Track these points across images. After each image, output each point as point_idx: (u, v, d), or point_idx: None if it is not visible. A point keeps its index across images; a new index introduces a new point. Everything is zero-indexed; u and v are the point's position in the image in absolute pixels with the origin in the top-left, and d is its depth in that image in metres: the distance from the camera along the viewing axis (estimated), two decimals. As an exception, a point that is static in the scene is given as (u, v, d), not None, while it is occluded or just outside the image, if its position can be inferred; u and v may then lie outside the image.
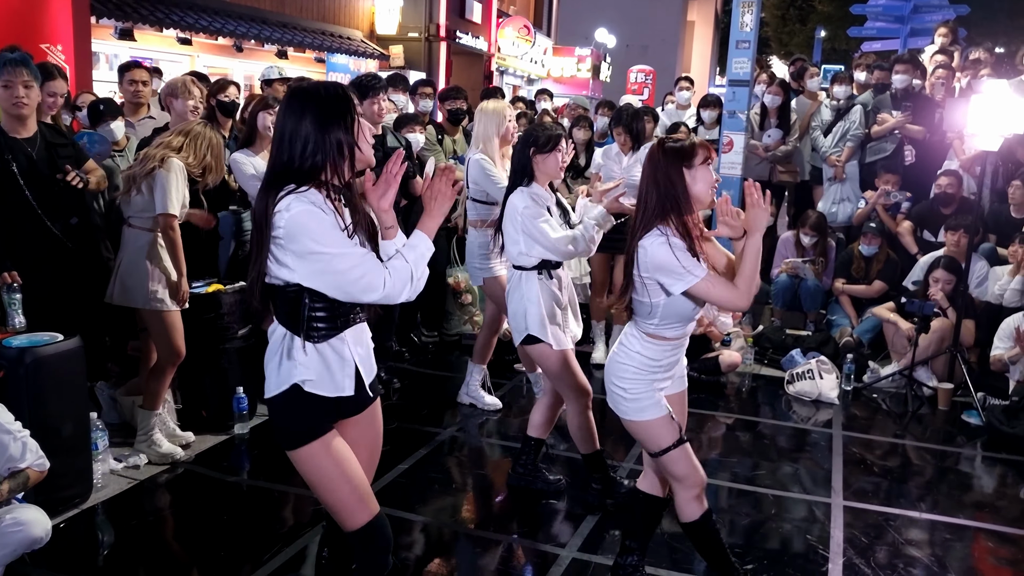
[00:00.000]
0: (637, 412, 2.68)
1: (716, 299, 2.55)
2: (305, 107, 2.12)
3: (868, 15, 10.98)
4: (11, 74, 3.44)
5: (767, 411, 5.16)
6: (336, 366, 2.19)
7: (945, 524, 3.68)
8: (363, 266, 2.09)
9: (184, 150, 3.71)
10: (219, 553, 3.23)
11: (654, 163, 2.60)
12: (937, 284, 5.33)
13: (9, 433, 2.77)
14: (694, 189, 2.57)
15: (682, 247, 2.52)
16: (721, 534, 2.97)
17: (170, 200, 3.63)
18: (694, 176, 2.57)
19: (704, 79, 29.98)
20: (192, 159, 3.72)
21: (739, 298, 2.54)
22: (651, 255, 2.54)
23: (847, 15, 13.41)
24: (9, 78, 3.44)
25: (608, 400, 2.75)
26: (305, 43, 12.53)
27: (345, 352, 2.21)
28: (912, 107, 6.50)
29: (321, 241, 2.05)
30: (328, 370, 2.18)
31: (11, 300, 3.44)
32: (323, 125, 2.11)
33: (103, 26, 9.11)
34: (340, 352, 2.20)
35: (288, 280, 2.13)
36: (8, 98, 3.47)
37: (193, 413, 4.31)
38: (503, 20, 19.65)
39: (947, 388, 5.14)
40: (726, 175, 6.54)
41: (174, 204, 3.64)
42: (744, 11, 6.20)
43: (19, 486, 2.77)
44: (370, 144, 2.25)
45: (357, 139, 2.17)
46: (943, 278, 5.33)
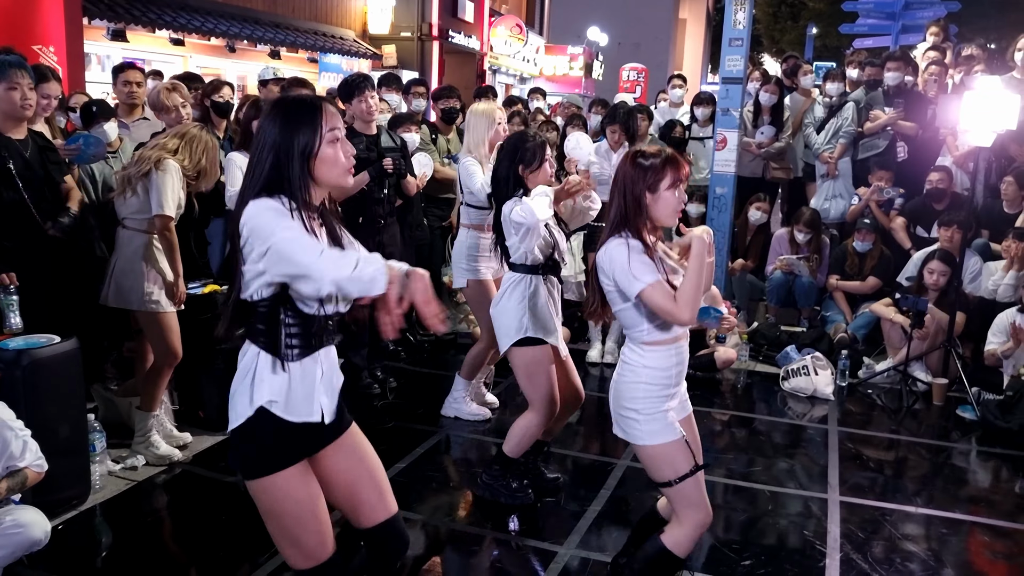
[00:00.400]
0: (651, 435, 2.53)
1: (657, 309, 2.44)
2: (274, 115, 2.08)
3: (859, 12, 11.02)
4: (17, 76, 3.45)
5: (762, 407, 5.18)
6: (305, 389, 2.10)
7: (941, 519, 3.70)
8: (305, 237, 1.97)
9: (180, 152, 3.71)
10: (217, 553, 3.23)
11: (621, 174, 2.56)
12: (932, 275, 5.35)
13: (11, 430, 2.79)
14: (654, 210, 2.52)
15: (640, 250, 2.46)
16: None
17: (166, 201, 3.62)
18: (656, 199, 2.50)
19: (696, 77, 30.02)
20: (187, 162, 3.72)
21: (678, 312, 2.41)
22: (609, 257, 2.49)
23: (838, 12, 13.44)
24: (15, 80, 3.45)
25: (617, 430, 2.61)
26: (298, 43, 12.52)
27: (316, 373, 2.12)
28: (904, 103, 6.53)
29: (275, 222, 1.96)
30: (296, 393, 2.09)
31: (8, 302, 3.44)
32: (285, 131, 2.05)
33: (95, 27, 9.08)
34: (312, 373, 2.11)
35: (262, 291, 2.04)
36: (14, 100, 3.47)
37: (190, 414, 4.30)
38: (495, 19, 19.65)
39: (942, 383, 5.16)
40: (720, 172, 6.55)
41: (170, 205, 3.64)
42: (737, 9, 6.21)
43: (17, 485, 2.77)
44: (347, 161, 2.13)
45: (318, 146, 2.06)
46: (938, 269, 5.35)
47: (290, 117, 2.07)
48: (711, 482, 3.98)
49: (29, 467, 2.81)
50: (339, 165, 2.11)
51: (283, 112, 2.09)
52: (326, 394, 2.16)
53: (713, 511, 3.75)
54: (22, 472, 2.78)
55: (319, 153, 2.07)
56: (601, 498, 3.74)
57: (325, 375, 2.15)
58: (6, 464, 2.76)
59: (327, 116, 2.10)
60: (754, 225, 6.72)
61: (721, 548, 3.37)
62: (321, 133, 2.07)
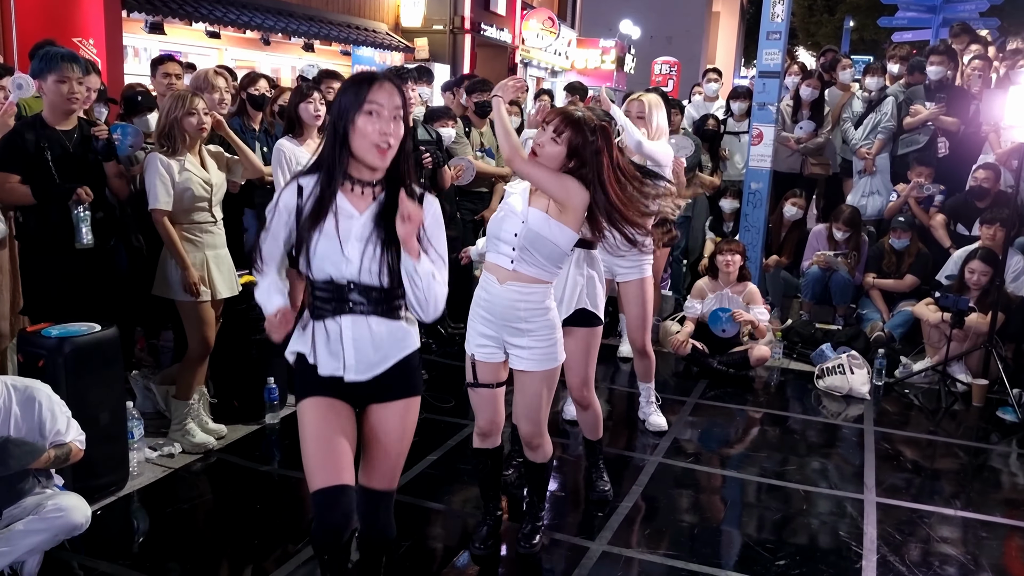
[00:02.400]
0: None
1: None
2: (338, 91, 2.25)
3: (899, 5, 10.81)
4: (66, 70, 3.48)
5: (796, 406, 5.12)
6: (325, 346, 2.26)
7: (979, 522, 3.64)
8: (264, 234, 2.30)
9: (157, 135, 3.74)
10: (252, 541, 3.27)
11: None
12: (973, 275, 5.25)
13: (56, 406, 2.86)
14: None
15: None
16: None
17: (151, 195, 3.63)
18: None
19: (729, 70, 29.70)
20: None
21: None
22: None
23: (876, 5, 13.20)
24: (65, 74, 3.48)
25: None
26: (331, 36, 12.58)
27: (336, 335, 2.24)
28: (946, 98, 6.40)
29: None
30: (319, 346, 2.26)
31: (83, 217, 3.51)
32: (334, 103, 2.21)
33: (133, 20, 9.20)
34: (332, 334, 2.25)
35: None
36: (63, 93, 3.50)
37: (225, 403, 4.35)
38: (527, 12, 19.59)
39: (982, 384, 5.07)
40: (755, 167, 6.48)
41: (158, 199, 3.62)
42: (776, 2, 6.12)
43: (64, 455, 2.83)
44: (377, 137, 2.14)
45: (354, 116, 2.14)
46: (979, 269, 5.24)
47: (343, 90, 2.20)
48: (744, 480, 3.96)
49: (74, 442, 2.88)
50: (367, 138, 2.14)
51: (342, 87, 2.23)
52: (355, 357, 2.25)
53: (746, 509, 3.76)
54: (67, 445, 2.85)
55: (355, 123, 2.15)
56: (633, 494, 3.73)
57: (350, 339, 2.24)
58: (55, 439, 2.83)
59: (374, 89, 2.15)
60: (789, 221, 6.64)
61: (755, 547, 3.34)
62: (361, 103, 2.14)
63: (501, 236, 2.79)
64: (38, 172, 3.52)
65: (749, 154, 6.51)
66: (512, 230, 2.77)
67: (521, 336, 2.83)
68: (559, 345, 2.90)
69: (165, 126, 3.67)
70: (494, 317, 2.84)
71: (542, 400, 2.94)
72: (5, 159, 3.50)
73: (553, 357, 2.89)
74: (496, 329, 2.86)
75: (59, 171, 3.54)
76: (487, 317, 2.86)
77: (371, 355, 2.27)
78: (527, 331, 2.82)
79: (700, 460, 4.19)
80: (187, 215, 3.73)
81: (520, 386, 2.95)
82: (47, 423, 2.82)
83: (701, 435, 4.53)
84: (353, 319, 2.24)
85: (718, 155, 7.03)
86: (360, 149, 2.16)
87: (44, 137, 3.53)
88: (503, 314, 2.82)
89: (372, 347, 2.26)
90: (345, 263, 2.19)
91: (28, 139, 3.50)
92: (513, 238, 2.77)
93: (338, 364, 2.25)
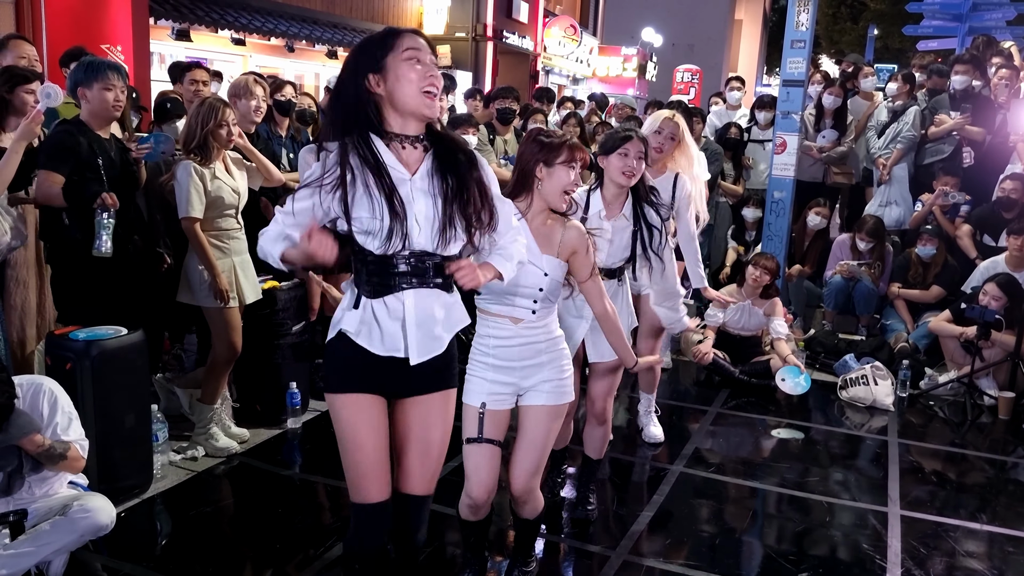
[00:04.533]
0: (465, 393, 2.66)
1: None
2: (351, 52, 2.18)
3: (924, 13, 10.73)
4: (112, 78, 3.54)
5: (819, 417, 5.08)
6: (384, 324, 2.09)
7: (1006, 536, 3.59)
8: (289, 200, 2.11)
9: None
10: (274, 545, 3.28)
11: (523, 146, 2.66)
12: (986, 297, 5.13)
13: (60, 404, 2.82)
14: (544, 187, 2.57)
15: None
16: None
17: (182, 204, 3.65)
18: (549, 173, 2.57)
19: (752, 79, 29.58)
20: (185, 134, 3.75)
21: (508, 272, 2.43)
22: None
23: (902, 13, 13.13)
24: (111, 81, 3.54)
25: None
26: (354, 43, 12.67)
27: (398, 312, 2.08)
28: (972, 108, 6.34)
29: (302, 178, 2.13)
30: (373, 326, 2.09)
31: (106, 223, 3.48)
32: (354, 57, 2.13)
33: (161, 27, 9.32)
34: (394, 311, 2.09)
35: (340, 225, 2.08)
36: (107, 100, 3.55)
37: (248, 407, 4.39)
38: (550, 19, 19.64)
39: (1009, 397, 5.00)
40: (778, 176, 6.45)
41: (191, 207, 3.65)
42: (800, 10, 6.10)
43: (60, 451, 2.75)
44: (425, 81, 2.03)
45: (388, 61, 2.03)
46: (992, 293, 5.11)
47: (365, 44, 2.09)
48: (766, 491, 3.93)
49: (74, 444, 2.82)
50: (412, 84, 2.00)
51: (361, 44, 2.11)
52: (415, 335, 2.10)
53: (768, 520, 3.73)
54: (66, 444, 2.79)
55: (394, 71, 2.02)
56: (654, 504, 3.71)
57: (413, 316, 2.10)
58: (52, 436, 2.78)
59: (407, 36, 2.06)
60: (812, 230, 6.60)
61: (776, 559, 3.31)
62: (397, 49, 2.03)
63: (520, 292, 2.54)
64: (89, 175, 3.53)
65: (772, 162, 6.48)
66: (536, 284, 2.56)
67: (539, 371, 2.65)
68: (571, 379, 2.74)
69: (199, 136, 3.68)
70: (512, 360, 2.61)
71: (548, 440, 2.73)
72: (56, 157, 3.49)
73: (567, 391, 2.70)
74: (513, 374, 2.62)
75: (108, 178, 3.58)
76: (501, 363, 2.61)
77: (432, 333, 2.13)
78: (545, 363, 2.65)
79: (721, 470, 4.17)
80: (216, 222, 3.77)
81: (527, 425, 2.71)
82: (46, 413, 2.79)
83: (723, 445, 4.50)
84: (416, 293, 2.08)
85: (741, 163, 7.01)
86: (406, 97, 2.01)
87: (95, 141, 3.58)
88: (522, 355, 2.61)
89: (433, 324, 2.12)
90: (406, 230, 2.02)
91: (81, 141, 3.52)
92: (538, 292, 2.57)
93: (400, 345, 2.09)
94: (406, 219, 2.02)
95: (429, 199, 2.06)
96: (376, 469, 2.14)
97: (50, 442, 2.75)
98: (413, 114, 2.05)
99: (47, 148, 3.54)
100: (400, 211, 2.02)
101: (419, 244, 2.06)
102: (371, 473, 2.14)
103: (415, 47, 2.03)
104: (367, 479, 2.14)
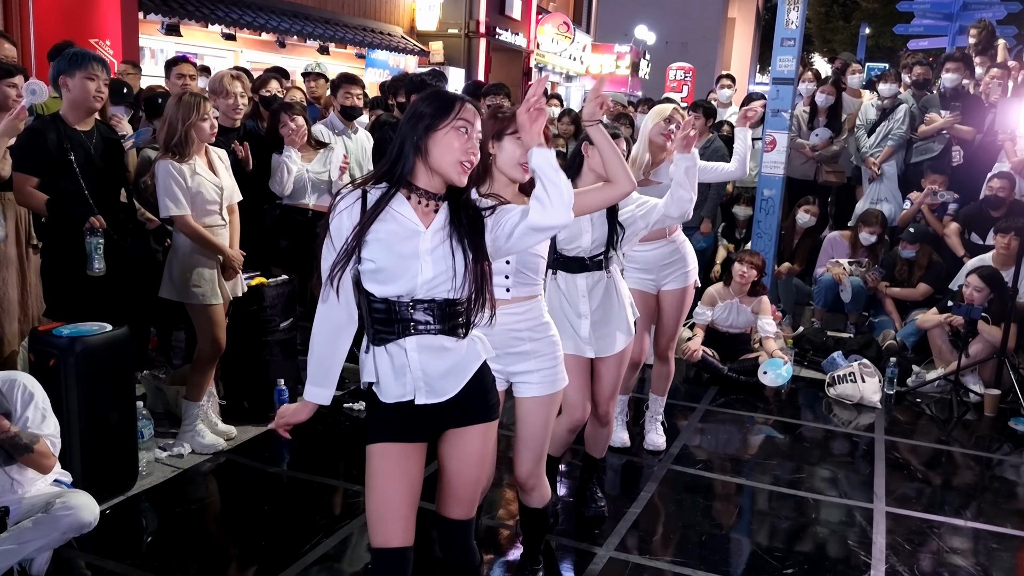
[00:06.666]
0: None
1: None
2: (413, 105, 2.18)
3: (915, 12, 10.78)
4: (96, 68, 3.51)
5: (807, 414, 5.10)
6: (394, 371, 2.15)
7: (990, 533, 3.61)
8: (325, 251, 2.13)
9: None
10: (260, 542, 3.27)
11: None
12: (968, 288, 5.18)
13: (35, 399, 2.81)
14: (499, 161, 2.56)
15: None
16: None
17: (164, 205, 3.63)
18: (500, 147, 2.55)
19: (744, 76, 29.63)
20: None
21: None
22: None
23: (893, 12, 13.16)
24: (94, 72, 3.51)
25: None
26: (346, 39, 12.65)
27: (401, 359, 2.14)
28: (962, 107, 6.36)
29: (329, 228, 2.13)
30: (382, 372, 2.16)
31: (96, 244, 3.50)
32: (416, 112, 2.14)
33: (150, 22, 9.28)
34: (397, 358, 2.14)
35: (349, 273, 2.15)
36: (89, 90, 3.51)
37: (235, 404, 4.37)
38: (542, 16, 19.63)
39: (994, 394, 5.03)
40: (768, 174, 6.46)
41: (176, 205, 3.64)
42: (790, 8, 6.10)
43: (28, 440, 2.73)
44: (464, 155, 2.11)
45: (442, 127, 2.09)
46: (974, 284, 5.16)
47: (428, 100, 2.15)
48: (755, 488, 3.94)
49: (46, 438, 2.80)
50: (453, 153, 2.09)
51: (424, 98, 2.17)
52: (424, 379, 2.16)
53: (755, 517, 3.74)
54: (37, 436, 2.77)
55: (441, 135, 2.09)
56: (641, 500, 3.72)
57: (419, 363, 2.14)
58: (23, 427, 2.77)
59: (465, 108, 2.13)
60: (802, 228, 6.61)
61: (763, 556, 3.32)
62: (453, 117, 2.10)
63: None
64: (62, 174, 3.50)
65: (762, 161, 6.49)
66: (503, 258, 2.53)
67: (526, 360, 2.65)
68: (562, 366, 2.73)
69: (179, 132, 3.64)
70: (496, 347, 2.54)
71: (547, 428, 2.74)
72: (25, 159, 3.46)
73: (558, 378, 2.70)
74: (498, 360, 2.57)
75: (83, 174, 3.55)
76: None
77: (441, 375, 2.17)
78: (531, 352, 2.65)
79: (709, 467, 4.17)
80: (198, 219, 3.73)
81: (523, 416, 2.73)
82: (19, 407, 2.77)
83: (711, 442, 4.51)
84: (418, 339, 2.13)
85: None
86: (443, 162, 2.10)
87: (66, 137, 3.52)
88: (503, 342, 2.60)
89: (441, 366, 2.17)
90: (413, 279, 2.09)
91: (50, 139, 3.47)
92: (506, 266, 2.57)
93: (405, 389, 2.16)
94: (412, 269, 2.10)
95: (439, 251, 2.12)
96: (393, 514, 2.18)
97: (16, 429, 2.72)
98: (443, 176, 2.13)
99: (17, 151, 3.50)
100: (410, 261, 2.10)
101: (424, 293, 2.12)
102: (388, 517, 2.18)
103: (468, 120, 2.12)
104: (381, 520, 2.18)
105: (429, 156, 2.10)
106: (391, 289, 2.10)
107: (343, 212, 2.11)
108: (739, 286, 5.43)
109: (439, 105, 2.12)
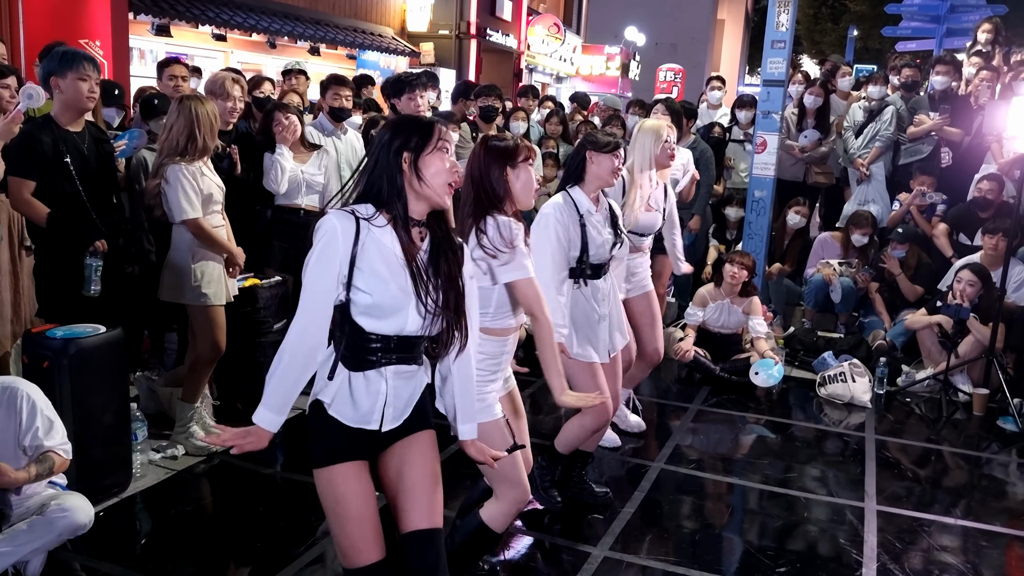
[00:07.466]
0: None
1: (536, 299, 2.59)
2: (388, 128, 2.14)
3: (903, 15, 10.84)
4: (87, 68, 3.49)
5: (798, 413, 5.13)
6: (365, 398, 2.12)
7: (980, 531, 3.64)
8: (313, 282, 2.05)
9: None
10: (254, 544, 3.28)
11: (476, 161, 2.62)
12: (960, 283, 5.23)
13: (39, 407, 2.80)
14: (515, 188, 2.60)
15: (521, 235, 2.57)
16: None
17: (181, 209, 3.63)
18: (517, 175, 2.60)
19: (734, 78, 29.73)
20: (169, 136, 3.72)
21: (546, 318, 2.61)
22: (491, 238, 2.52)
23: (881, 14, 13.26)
24: (86, 72, 3.49)
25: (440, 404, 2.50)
26: (337, 40, 12.62)
27: (380, 387, 2.13)
28: (950, 109, 6.41)
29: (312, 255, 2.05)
30: (351, 397, 2.12)
31: (96, 266, 3.52)
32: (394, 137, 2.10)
33: (140, 22, 9.24)
34: (374, 385, 2.12)
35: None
36: (81, 91, 3.50)
37: (228, 406, 4.37)
38: (533, 18, 19.64)
39: (983, 393, 5.07)
40: (759, 176, 6.49)
41: (188, 208, 3.64)
42: (780, 11, 6.14)
43: (46, 471, 2.77)
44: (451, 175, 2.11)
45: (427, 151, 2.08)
46: (966, 279, 5.22)
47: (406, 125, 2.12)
48: (746, 487, 3.97)
49: (55, 450, 2.80)
50: (441, 175, 2.08)
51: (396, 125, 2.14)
52: (392, 406, 2.16)
53: (748, 516, 3.76)
54: (50, 457, 2.78)
55: (429, 159, 2.08)
56: (635, 500, 3.74)
57: (393, 390, 2.14)
58: (32, 442, 2.77)
59: (443, 129, 2.14)
60: (792, 229, 6.66)
61: (755, 554, 3.35)
62: (436, 140, 2.10)
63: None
64: (58, 177, 3.48)
65: (753, 162, 6.53)
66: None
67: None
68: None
69: (188, 136, 3.64)
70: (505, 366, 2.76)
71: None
72: (21, 163, 3.43)
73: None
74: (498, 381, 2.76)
75: (80, 176, 3.53)
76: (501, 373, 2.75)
77: (405, 401, 2.19)
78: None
79: (702, 467, 4.20)
80: (205, 219, 3.76)
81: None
82: (24, 418, 2.76)
83: (703, 442, 4.54)
84: (395, 369, 2.13)
85: (723, 163, 7.05)
86: (433, 186, 2.08)
87: (61, 140, 3.50)
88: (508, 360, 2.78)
89: (407, 391, 2.19)
90: (405, 318, 2.07)
91: (45, 142, 3.45)
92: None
93: (373, 416, 2.13)
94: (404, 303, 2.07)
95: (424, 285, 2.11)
96: (374, 532, 2.15)
97: (35, 471, 2.74)
98: (429, 199, 2.11)
99: (11, 154, 3.48)
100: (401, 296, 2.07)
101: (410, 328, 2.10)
102: (369, 536, 2.14)
103: (448, 140, 2.14)
104: (364, 541, 2.13)
105: (421, 180, 2.07)
106: (383, 325, 2.07)
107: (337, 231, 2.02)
108: (730, 287, 5.46)
109: (420, 129, 2.11)
